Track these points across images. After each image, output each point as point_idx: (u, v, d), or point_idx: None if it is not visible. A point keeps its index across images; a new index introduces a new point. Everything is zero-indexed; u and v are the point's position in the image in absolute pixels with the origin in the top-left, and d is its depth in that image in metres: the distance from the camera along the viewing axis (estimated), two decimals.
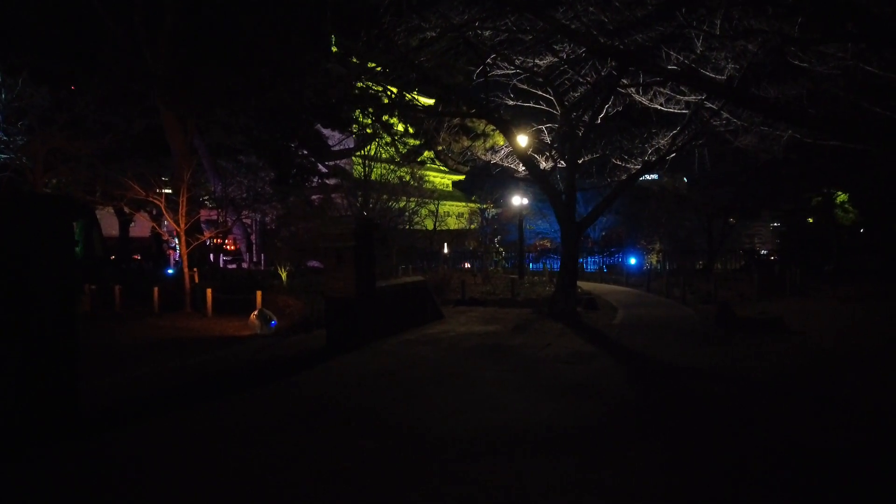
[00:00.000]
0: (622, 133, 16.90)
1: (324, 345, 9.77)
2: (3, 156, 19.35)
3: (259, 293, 13.34)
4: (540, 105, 17.05)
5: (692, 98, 15.12)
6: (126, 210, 17.12)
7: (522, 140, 19.50)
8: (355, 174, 32.27)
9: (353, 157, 32.57)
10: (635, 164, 16.97)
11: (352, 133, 33.98)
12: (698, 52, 11.85)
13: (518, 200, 20.65)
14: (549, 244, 52.56)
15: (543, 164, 18.27)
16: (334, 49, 27.00)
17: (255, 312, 12.07)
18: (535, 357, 8.75)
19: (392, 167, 35.82)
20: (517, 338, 10.40)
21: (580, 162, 13.45)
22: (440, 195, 37.18)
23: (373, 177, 32.35)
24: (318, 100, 24.92)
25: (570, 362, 8.36)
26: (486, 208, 50.26)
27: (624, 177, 16.80)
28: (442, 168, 39.84)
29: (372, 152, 32.16)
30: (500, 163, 19.28)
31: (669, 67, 11.82)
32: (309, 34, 21.31)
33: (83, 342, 10.97)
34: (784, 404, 6.25)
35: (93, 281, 19.92)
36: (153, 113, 20.42)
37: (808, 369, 8.00)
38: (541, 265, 38.05)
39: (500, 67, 15.48)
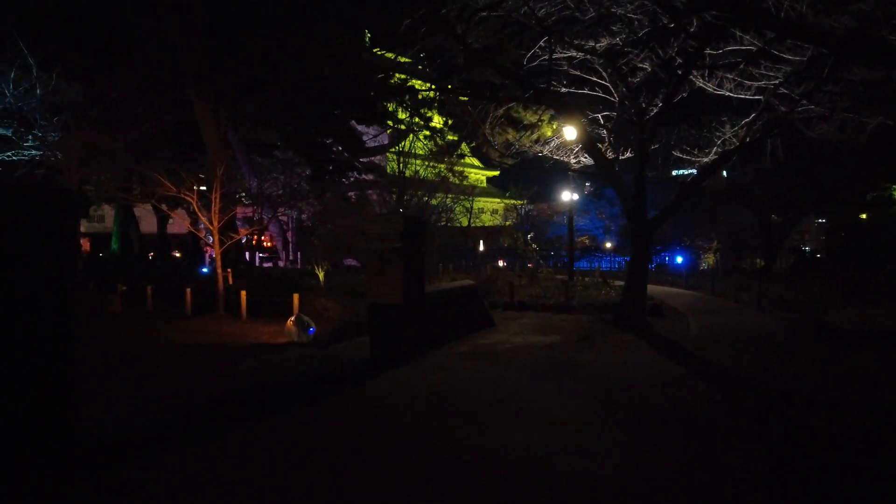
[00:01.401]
0: (686, 122, 15.39)
1: (368, 357, 8.71)
2: (37, 152, 19.00)
3: (296, 296, 12.42)
4: (595, 92, 15.67)
5: (764, 83, 13.57)
6: (164, 208, 16.49)
7: (570, 133, 18.17)
8: (389, 170, 31.50)
9: (388, 154, 31.78)
10: (700, 157, 15.46)
11: (386, 128, 33.24)
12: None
13: (567, 195, 19.30)
14: (588, 241, 50.80)
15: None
16: (368, 37, 26.16)
17: (292, 318, 11.12)
18: (611, 378, 7.50)
19: (427, 163, 34.89)
20: (585, 352, 9.14)
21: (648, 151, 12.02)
22: (475, 191, 35.99)
23: (407, 173, 31.55)
24: (351, 91, 24.07)
25: (655, 385, 7.09)
26: (522, 204, 48.81)
27: (690, 171, 15.34)
28: (476, 163, 38.68)
29: (406, 148, 31.36)
30: (550, 155, 17.95)
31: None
32: (342, 21, 20.42)
33: (106, 347, 10.21)
34: None
35: (126, 280, 19.47)
36: (185, 107, 19.78)
37: None
38: (585, 264, 36.47)
39: (554, 51, 14.18)
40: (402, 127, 31.18)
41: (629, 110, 13.49)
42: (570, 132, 17.93)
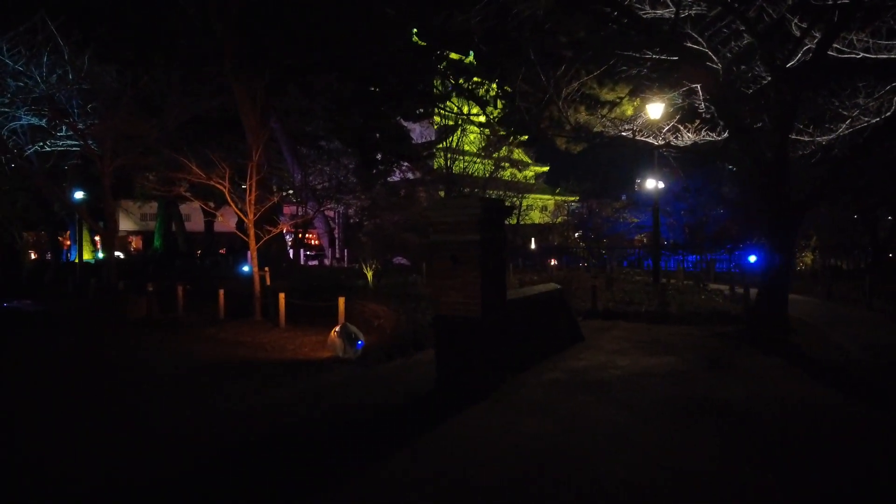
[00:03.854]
0: (814, 90, 12.59)
1: (432, 386, 6.57)
2: (71, 142, 17.79)
3: (342, 301, 10.43)
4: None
5: None
6: (210, 206, 15.00)
7: (656, 110, 15.57)
8: (436, 166, 29.76)
9: (435, 149, 29.97)
10: (817, 134, 12.63)
11: (433, 123, 31.41)
12: None
13: (652, 183, 16.72)
14: (645, 239, 47.45)
15: (690, 135, 14.32)
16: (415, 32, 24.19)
17: (337, 328, 9.11)
18: (786, 432, 5.11)
19: (475, 159, 32.88)
20: (725, 384, 6.73)
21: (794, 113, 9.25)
22: (524, 187, 33.83)
23: (455, 169, 29.71)
24: (401, 71, 22.08)
25: (858, 447, 4.68)
26: (574, 200, 45.94)
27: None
28: (525, 159, 36.49)
29: (455, 144, 29.59)
30: (633, 136, 15.43)
31: None
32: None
33: (98, 366, 8.41)
34: None
35: (161, 279, 18.04)
36: (224, 93, 18.22)
37: None
38: (651, 263, 33.46)
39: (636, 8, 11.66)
40: (451, 122, 29.38)
41: (749, 71, 10.81)
42: (656, 109, 15.42)
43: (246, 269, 20.63)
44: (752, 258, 37.31)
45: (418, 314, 11.85)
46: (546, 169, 48.22)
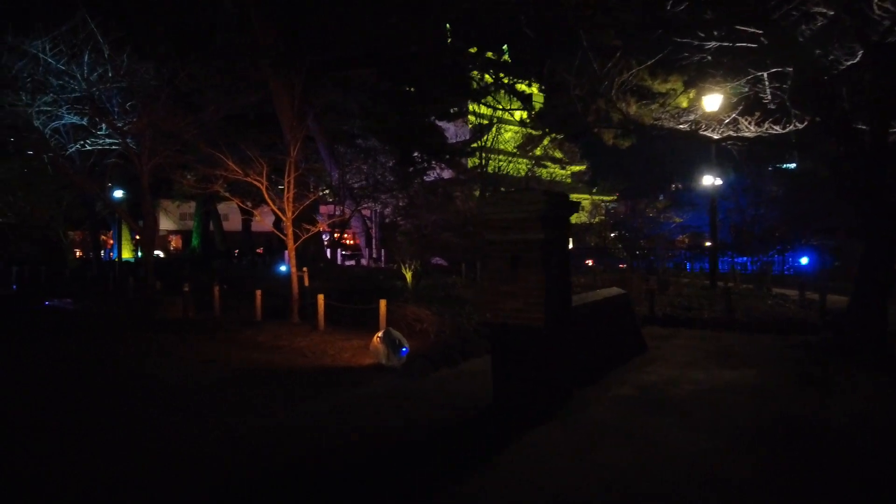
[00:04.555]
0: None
1: (487, 403, 5.89)
2: (111, 140, 17.73)
3: (383, 304, 9.84)
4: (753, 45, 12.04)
5: None
6: (248, 205, 14.71)
7: (713, 102, 14.56)
8: (470, 165, 29.18)
9: (470, 148, 29.41)
10: None
11: (468, 123, 30.85)
12: None
13: (710, 180, 15.68)
14: (688, 240, 45.70)
15: (752, 128, 13.28)
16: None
17: (380, 334, 8.51)
18: None
19: (510, 158, 32.13)
20: (824, 404, 5.87)
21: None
22: (562, 187, 32.96)
23: (490, 168, 29.06)
24: (439, 65, 21.42)
25: None
26: (612, 200, 44.60)
27: None
28: (558, 154, 35.61)
29: (489, 143, 28.94)
30: (691, 128, 14.43)
31: None
32: None
33: (122, 373, 7.99)
34: None
35: (198, 279, 17.86)
36: (261, 88, 17.91)
37: None
38: (698, 265, 32.05)
39: None
40: (485, 122, 28.74)
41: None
42: (714, 101, 14.41)
43: (283, 268, 20.33)
44: (805, 260, 35.42)
45: (462, 319, 11.20)
46: (583, 168, 46.97)
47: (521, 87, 25.17)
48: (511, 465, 4.38)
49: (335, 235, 27.84)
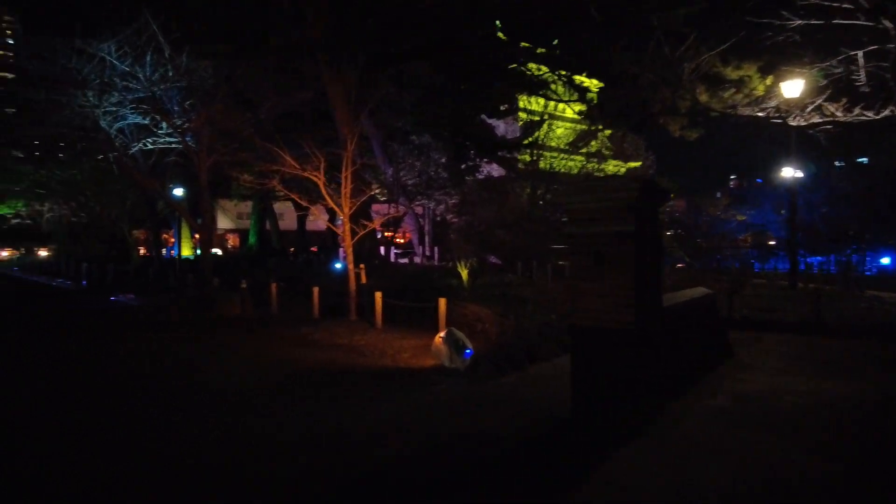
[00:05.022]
0: None
1: (565, 414, 5.36)
2: (172, 139, 18.05)
3: (443, 302, 9.44)
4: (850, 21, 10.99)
5: None
6: (305, 202, 14.68)
7: (793, 88, 13.47)
8: (520, 157, 28.50)
9: (523, 143, 28.76)
10: None
11: (518, 119, 30.18)
12: None
13: (789, 171, 14.55)
14: (750, 239, 43.24)
15: (839, 114, 12.25)
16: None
17: (443, 334, 8.10)
18: None
19: (561, 155, 31.23)
20: None
21: None
22: None
23: (541, 165, 28.29)
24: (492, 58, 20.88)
25: None
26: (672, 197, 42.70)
27: None
28: (607, 153, 34.41)
29: (541, 139, 28.17)
30: (768, 115, 13.46)
31: None
32: None
33: (194, 371, 7.79)
34: None
35: (256, 275, 17.95)
36: (315, 83, 17.85)
37: None
38: (774, 265, 30.24)
39: None
40: (536, 118, 28.00)
41: None
42: (794, 86, 13.35)
43: (338, 266, 20.27)
44: (885, 260, 32.99)
45: (524, 320, 10.67)
46: (639, 164, 45.32)
47: (579, 78, 24.33)
48: (599, 490, 3.85)
49: (387, 233, 27.73)
